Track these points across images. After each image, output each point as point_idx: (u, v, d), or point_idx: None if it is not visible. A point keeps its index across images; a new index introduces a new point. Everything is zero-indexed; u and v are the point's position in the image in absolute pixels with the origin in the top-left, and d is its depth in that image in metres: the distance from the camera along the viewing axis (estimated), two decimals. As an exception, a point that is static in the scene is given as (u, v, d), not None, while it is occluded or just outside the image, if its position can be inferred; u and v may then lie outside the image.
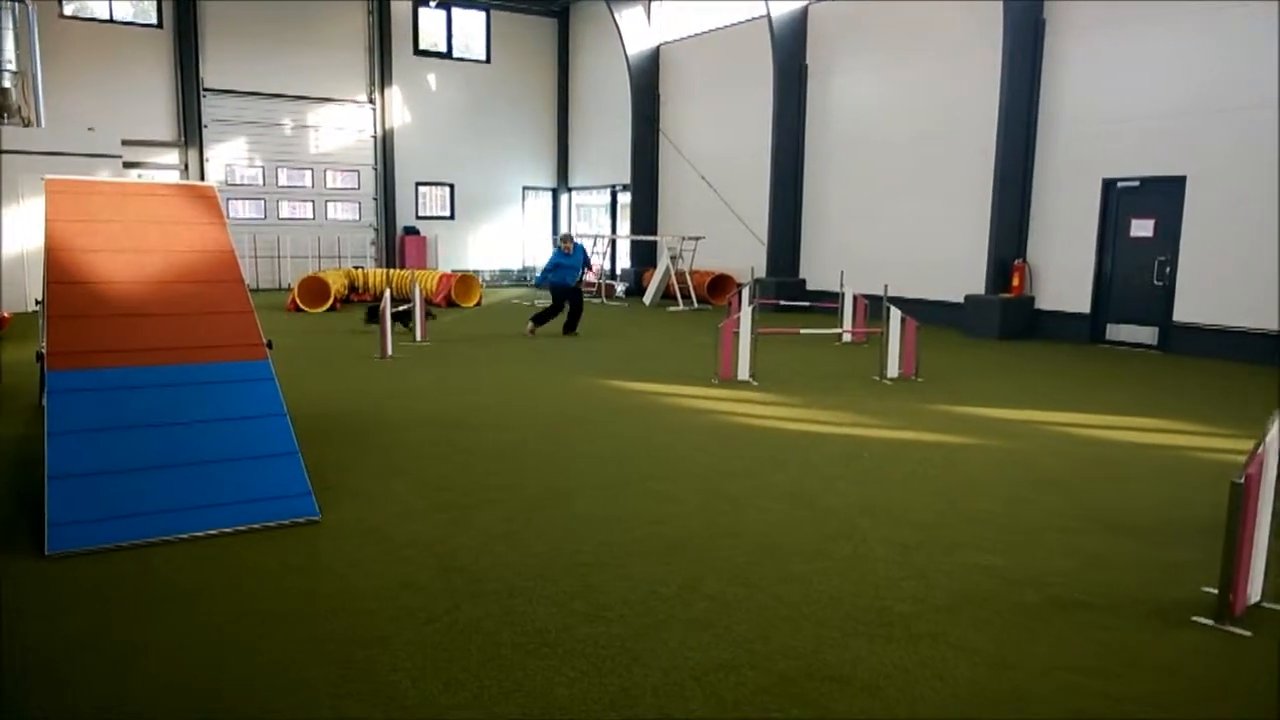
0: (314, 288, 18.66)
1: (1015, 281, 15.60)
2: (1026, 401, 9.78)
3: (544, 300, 20.95)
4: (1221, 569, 4.11)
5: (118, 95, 21.78)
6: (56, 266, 6.06)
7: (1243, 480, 3.96)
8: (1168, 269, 13.86)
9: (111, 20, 22.11)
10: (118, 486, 5.12)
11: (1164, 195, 13.82)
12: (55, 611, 4.17)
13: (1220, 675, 3.69)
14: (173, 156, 22.91)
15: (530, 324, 15.05)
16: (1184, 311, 13.68)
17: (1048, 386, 10.86)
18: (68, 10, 21.47)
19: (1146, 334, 14.26)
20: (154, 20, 22.53)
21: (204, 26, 22.82)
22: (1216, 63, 13.01)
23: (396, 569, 4.72)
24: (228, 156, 23.68)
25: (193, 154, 22.97)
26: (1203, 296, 13.40)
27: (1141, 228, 14.22)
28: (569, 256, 14.77)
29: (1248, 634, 4.04)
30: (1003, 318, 15.37)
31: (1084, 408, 9.48)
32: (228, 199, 23.10)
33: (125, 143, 19.27)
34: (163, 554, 4.87)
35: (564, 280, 14.83)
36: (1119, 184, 14.46)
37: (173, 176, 22.49)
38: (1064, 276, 15.25)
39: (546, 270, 14.92)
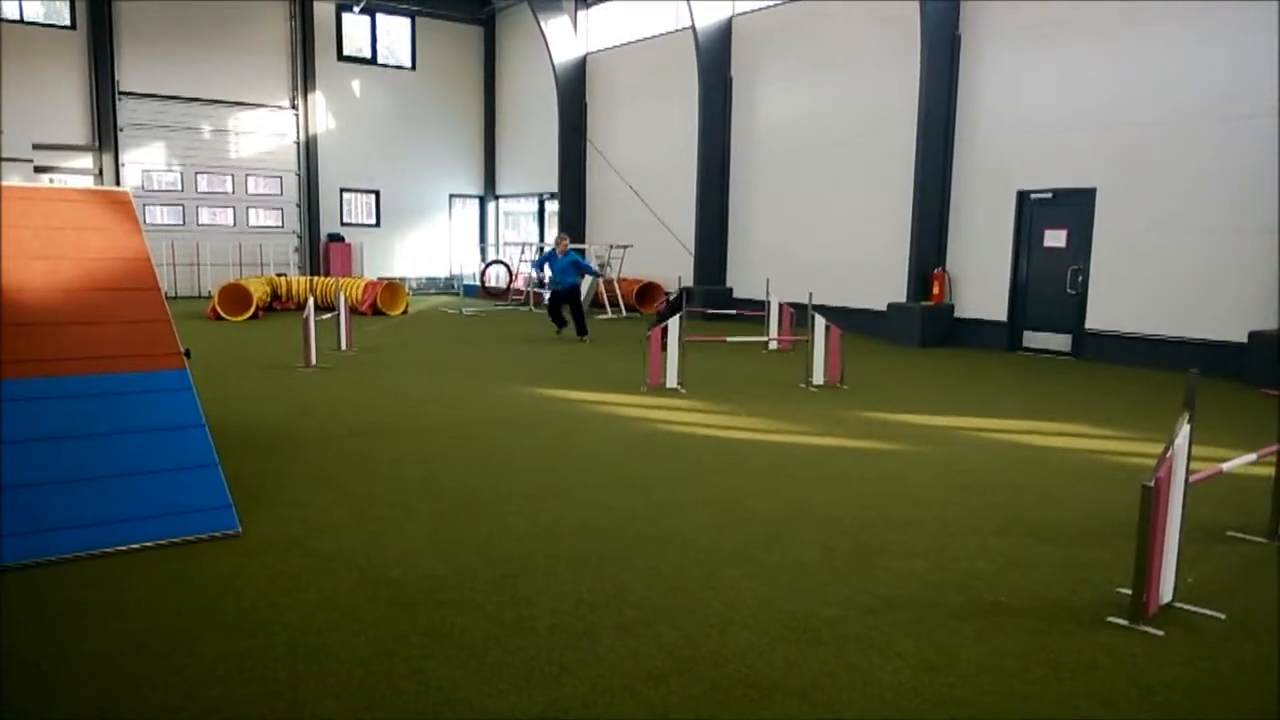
0: (235, 295, 18.27)
1: (935, 290, 15.94)
2: (948, 408, 9.99)
3: (471, 310, 20.87)
4: (1135, 570, 4.23)
5: (29, 98, 21.07)
6: (-38, 274, 5.83)
7: (1153, 483, 4.09)
8: (1080, 278, 14.28)
9: (22, 21, 21.40)
10: (30, 501, 4.93)
11: (1075, 206, 14.25)
12: (-40, 633, 4.02)
13: (1135, 674, 3.80)
14: (86, 161, 22.25)
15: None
16: (1096, 319, 14.10)
17: (968, 393, 11.12)
18: (-26, 10, 20.75)
19: (1061, 341, 14.67)
20: (67, 21, 21.88)
21: (119, 28, 22.22)
22: (1124, 77, 13.46)
23: (321, 582, 4.64)
24: (145, 161, 23.07)
25: (108, 158, 22.32)
26: (1113, 305, 13.84)
27: (1054, 238, 14.64)
28: (557, 259, 15.43)
29: (1160, 633, 4.16)
30: (924, 326, 15.69)
31: (1002, 413, 9.72)
32: (145, 205, 22.49)
33: (36, 146, 18.71)
34: (77, 570, 4.71)
35: (556, 284, 15.54)
36: (1032, 195, 14.87)
37: (87, 181, 21.81)
38: (982, 285, 15.62)
39: (537, 267, 15.94)
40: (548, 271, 15.90)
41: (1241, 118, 12.21)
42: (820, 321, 11.09)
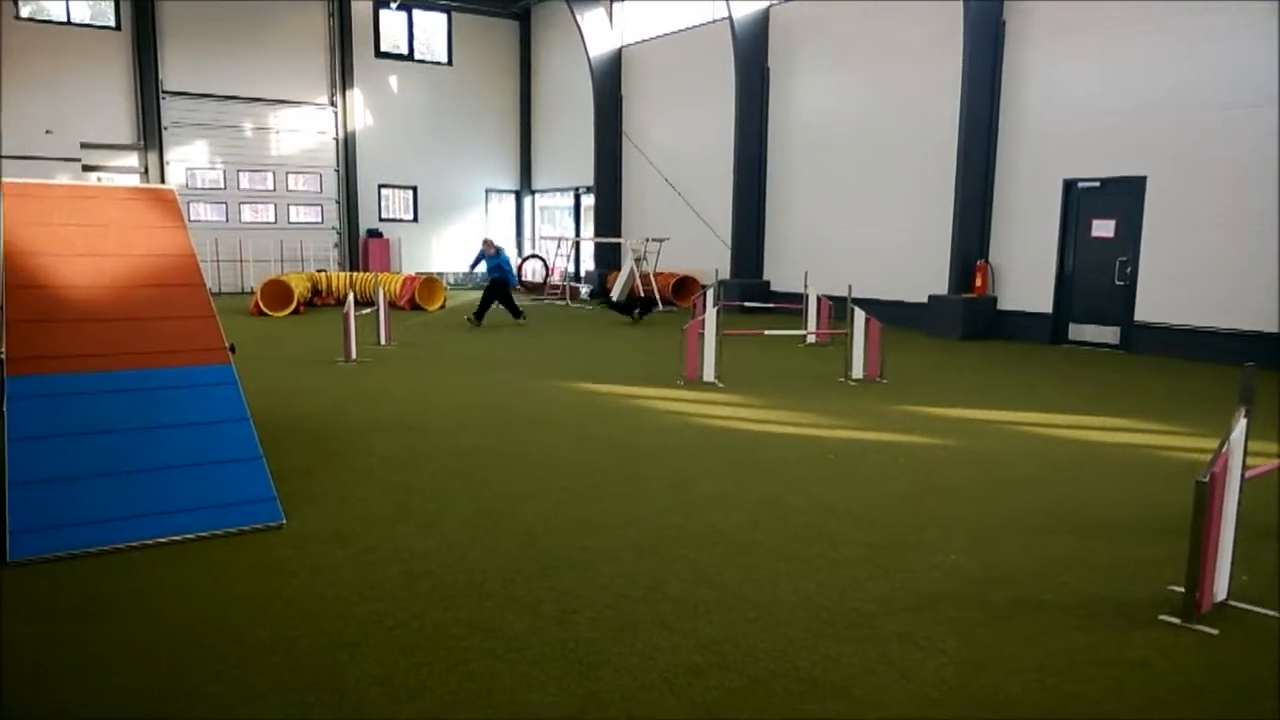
0: (277, 291, 18.46)
1: (978, 282, 15.75)
2: (990, 402, 9.86)
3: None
4: (1188, 568, 4.14)
5: (76, 98, 21.47)
6: (15, 271, 5.94)
7: (1208, 479, 3.99)
8: (1129, 269, 14.05)
9: (69, 23, 21.79)
10: (80, 493, 5.03)
11: (1125, 195, 14.01)
12: (16, 619, 4.09)
13: (1188, 674, 3.72)
14: (132, 159, 22.61)
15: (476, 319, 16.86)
16: (1145, 311, 13.86)
17: (1011, 386, 10.97)
18: (24, 12, 21.13)
19: (1109, 334, 14.44)
20: (112, 22, 22.24)
21: (163, 28, 22.54)
22: (1176, 64, 13.21)
23: (363, 574, 4.67)
24: (189, 159, 23.40)
25: (153, 157, 22.67)
26: (1164, 296, 13.59)
27: (1102, 228, 14.41)
28: (489, 258, 17.05)
29: (1214, 632, 4.07)
30: (965, 318, 15.51)
31: (1047, 407, 9.57)
32: (189, 202, 22.80)
33: (84, 146, 19.00)
34: (126, 560, 4.78)
35: (484, 279, 17.58)
36: (1080, 184, 14.64)
37: (133, 180, 22.15)
38: (1026, 277, 15.41)
39: (474, 262, 17.72)
40: (482, 266, 17.56)
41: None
42: (859, 314, 10.99)
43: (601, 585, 4.56)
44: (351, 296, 12.57)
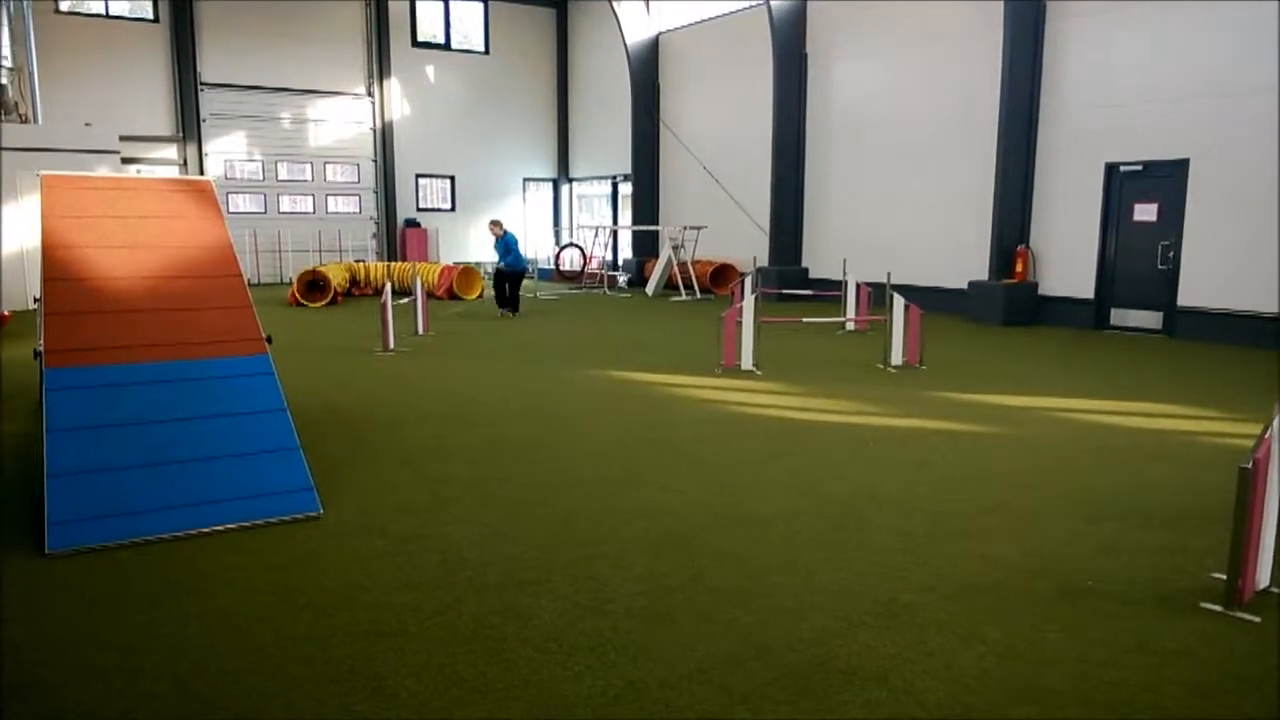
0: (315, 282, 18.61)
1: (1018, 267, 15.54)
2: (1032, 388, 9.73)
3: (545, 294, 20.99)
4: (1230, 555, 4.07)
5: (115, 90, 21.72)
6: (53, 263, 6.02)
7: (1251, 465, 3.91)
8: (1172, 253, 13.79)
9: (107, 15, 22.04)
10: (118, 483, 5.09)
11: (1167, 179, 13.74)
12: (55, 610, 4.15)
13: (1230, 662, 3.65)
14: (171, 152, 22.86)
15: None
16: (1189, 296, 13.60)
17: (1053, 372, 10.81)
18: (64, 6, 21.40)
19: (1151, 319, 14.19)
20: (150, 15, 22.47)
21: (200, 20, 22.74)
22: (1219, 46, 12.92)
23: (399, 564, 4.70)
24: (227, 151, 23.61)
25: (191, 149, 22.91)
26: (1208, 280, 13.32)
27: (1145, 212, 14.14)
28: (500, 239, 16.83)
29: (1257, 619, 4.00)
30: (1006, 304, 15.31)
31: (1090, 394, 9.43)
32: (227, 193, 23.03)
33: (123, 138, 19.18)
34: (164, 551, 4.84)
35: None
36: (1122, 168, 14.38)
37: (172, 172, 22.41)
38: (1067, 262, 15.17)
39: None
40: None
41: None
42: (899, 301, 10.87)
43: (638, 575, 4.54)
44: (389, 286, 12.63)
